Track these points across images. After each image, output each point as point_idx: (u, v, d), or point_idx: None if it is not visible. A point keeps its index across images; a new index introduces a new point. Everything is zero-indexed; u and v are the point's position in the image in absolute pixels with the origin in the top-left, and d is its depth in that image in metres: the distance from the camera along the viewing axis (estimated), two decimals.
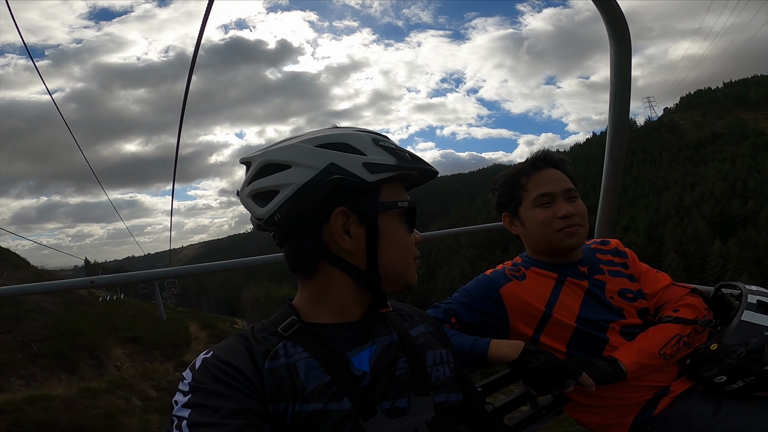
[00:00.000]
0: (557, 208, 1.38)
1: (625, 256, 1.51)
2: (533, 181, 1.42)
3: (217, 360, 0.74)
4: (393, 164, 0.81)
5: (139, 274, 1.83)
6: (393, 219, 0.83)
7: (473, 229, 2.98)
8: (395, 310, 0.97)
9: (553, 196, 1.39)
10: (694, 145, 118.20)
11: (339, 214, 0.80)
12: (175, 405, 0.70)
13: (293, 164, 0.78)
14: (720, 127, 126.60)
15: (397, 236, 0.84)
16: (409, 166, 0.83)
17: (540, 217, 1.39)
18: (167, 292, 49.14)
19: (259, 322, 0.86)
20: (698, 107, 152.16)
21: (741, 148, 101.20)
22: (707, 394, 1.24)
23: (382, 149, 0.82)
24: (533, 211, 1.41)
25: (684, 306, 1.36)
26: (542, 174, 1.42)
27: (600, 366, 1.22)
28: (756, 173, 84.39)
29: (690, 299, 1.39)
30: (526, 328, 1.36)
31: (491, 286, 1.39)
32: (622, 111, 1.96)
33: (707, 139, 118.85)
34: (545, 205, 1.39)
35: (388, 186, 0.83)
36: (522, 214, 1.44)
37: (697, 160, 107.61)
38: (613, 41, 1.81)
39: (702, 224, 71.92)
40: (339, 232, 0.80)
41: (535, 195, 1.40)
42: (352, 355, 0.81)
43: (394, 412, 0.78)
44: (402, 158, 0.83)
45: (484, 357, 1.20)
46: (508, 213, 1.49)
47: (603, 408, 1.32)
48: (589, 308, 1.36)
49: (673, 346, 1.27)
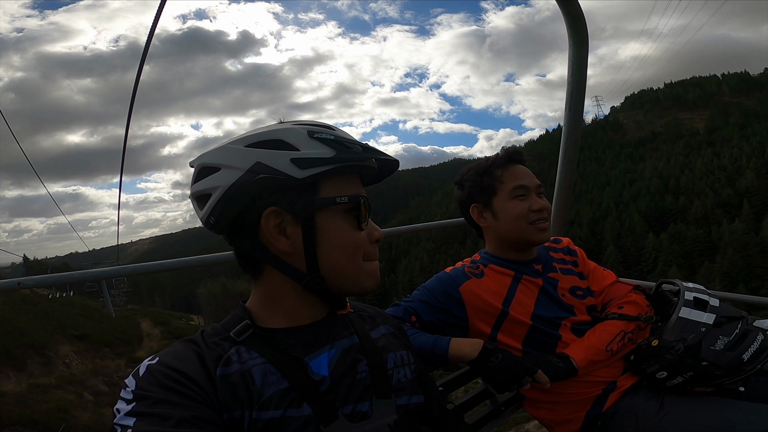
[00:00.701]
0: (532, 202, 1.39)
1: (575, 254, 1.54)
2: (509, 173, 1.42)
3: (164, 366, 0.69)
4: (329, 157, 0.75)
5: (73, 274, 1.72)
6: (335, 216, 0.78)
7: (434, 225, 2.91)
8: (356, 311, 0.96)
9: (528, 190, 1.41)
10: (635, 143, 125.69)
11: (271, 215, 0.76)
12: (116, 413, 0.65)
13: (222, 166, 0.76)
14: (659, 126, 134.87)
15: (339, 235, 0.78)
16: (350, 158, 0.77)
17: (516, 208, 1.39)
18: (116, 289, 47.47)
19: (210, 326, 0.83)
20: (641, 107, 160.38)
21: (676, 147, 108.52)
22: (652, 390, 1.27)
23: (319, 142, 0.77)
24: (509, 202, 1.40)
25: (627, 303, 1.40)
26: (517, 168, 1.44)
27: (554, 363, 1.25)
28: (688, 171, 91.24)
29: (633, 296, 1.43)
30: (484, 326, 1.36)
31: (451, 284, 1.38)
32: (578, 110, 1.97)
33: (647, 137, 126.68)
34: (521, 197, 1.40)
35: (330, 181, 0.78)
36: (496, 205, 1.43)
37: (637, 157, 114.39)
38: (573, 41, 1.82)
39: (638, 219, 77.25)
40: (272, 233, 0.77)
41: (512, 186, 1.40)
42: (310, 359, 0.78)
43: (356, 416, 0.76)
44: (344, 150, 0.77)
45: (445, 356, 1.21)
46: (478, 205, 1.47)
47: (556, 404, 1.35)
48: (543, 306, 1.38)
49: (618, 342, 1.30)
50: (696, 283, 1.42)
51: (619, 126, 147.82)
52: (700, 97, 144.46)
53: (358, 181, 0.83)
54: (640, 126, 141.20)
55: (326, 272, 0.79)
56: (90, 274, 1.81)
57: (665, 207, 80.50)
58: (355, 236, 0.80)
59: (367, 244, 0.82)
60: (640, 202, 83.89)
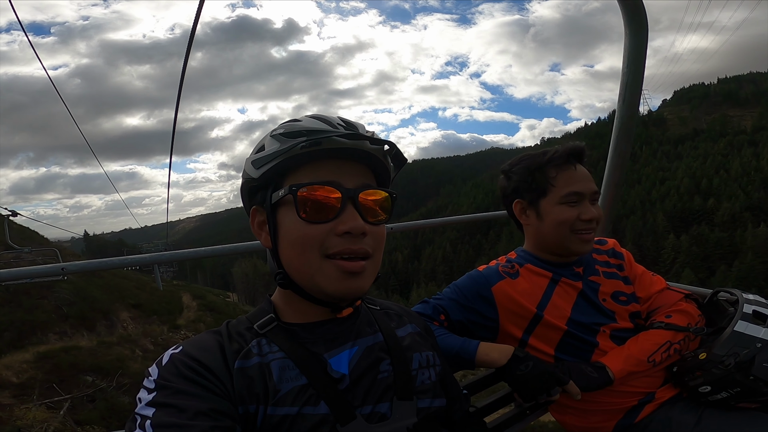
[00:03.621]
0: (583, 210, 1.29)
1: (621, 258, 1.45)
2: (565, 176, 1.31)
3: (186, 356, 0.70)
4: (271, 152, 0.74)
5: (113, 260, 1.72)
6: (289, 211, 0.75)
7: (453, 219, 2.76)
8: (382, 308, 0.94)
9: (582, 197, 1.30)
10: (675, 140, 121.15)
11: (255, 213, 0.81)
12: (138, 402, 0.66)
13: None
14: (704, 122, 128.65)
15: (290, 229, 0.75)
16: (286, 148, 0.73)
17: (564, 215, 1.29)
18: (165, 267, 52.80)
19: (236, 318, 0.83)
20: (688, 102, 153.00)
21: (716, 146, 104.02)
22: (691, 403, 1.22)
23: (273, 139, 0.76)
24: (558, 207, 1.30)
25: (677, 312, 1.32)
26: (574, 171, 1.32)
27: (587, 373, 1.20)
28: (723, 171, 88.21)
29: (683, 305, 1.34)
30: (515, 329, 1.31)
31: (483, 284, 1.33)
32: (632, 102, 1.85)
33: (688, 134, 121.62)
34: (572, 204, 1.30)
35: (299, 174, 0.75)
36: (543, 206, 1.33)
37: (674, 155, 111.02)
38: (629, 31, 1.71)
39: (661, 219, 76.43)
40: (256, 230, 0.81)
41: (566, 192, 1.29)
42: (329, 356, 0.77)
43: (374, 417, 0.75)
44: (287, 141, 0.74)
45: (472, 361, 1.18)
46: (523, 201, 1.38)
47: (586, 412, 1.30)
48: (581, 311, 1.31)
49: (663, 353, 1.23)
50: (757, 295, 1.31)
51: (662, 121, 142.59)
52: (753, 94, 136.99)
53: (346, 169, 0.76)
54: (684, 122, 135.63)
55: (287, 268, 0.77)
56: (127, 261, 1.81)
57: (692, 208, 79.01)
58: (304, 229, 0.73)
59: (325, 237, 0.73)
60: (668, 202, 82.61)
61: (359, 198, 0.75)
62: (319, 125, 0.75)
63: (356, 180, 0.76)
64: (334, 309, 0.80)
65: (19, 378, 11.74)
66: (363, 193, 0.76)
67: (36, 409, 10.60)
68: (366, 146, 0.75)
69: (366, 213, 0.75)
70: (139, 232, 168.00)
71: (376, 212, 0.78)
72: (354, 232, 0.73)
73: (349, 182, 0.75)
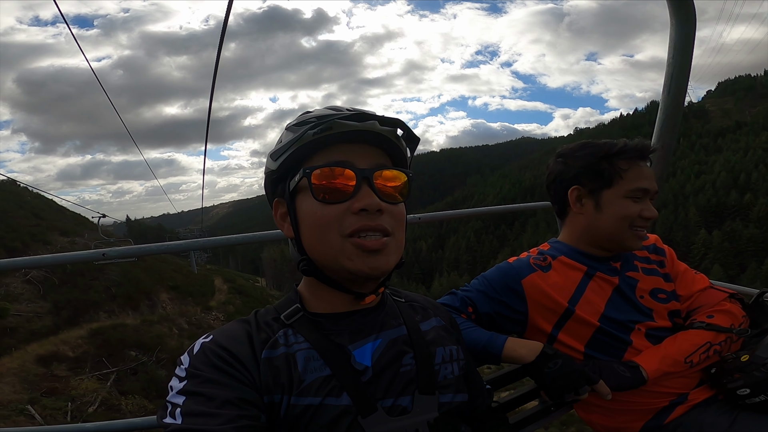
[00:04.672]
0: (645, 207, 1.26)
1: (662, 254, 1.40)
2: (635, 171, 1.27)
3: (216, 345, 0.72)
4: (287, 142, 0.77)
5: (150, 247, 1.85)
6: (306, 196, 0.77)
7: (476, 211, 2.74)
8: (408, 301, 0.94)
9: (647, 194, 1.28)
10: (715, 132, 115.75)
11: (277, 205, 0.84)
12: (170, 390, 0.69)
13: None
14: (748, 115, 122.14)
15: (308, 213, 0.77)
16: (300, 135, 0.76)
17: (628, 209, 1.26)
18: (200, 252, 54.68)
19: (264, 307, 0.85)
20: (732, 94, 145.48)
21: (758, 139, 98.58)
22: (726, 406, 1.18)
23: (287, 131, 0.80)
24: (623, 200, 1.26)
25: (720, 312, 1.27)
26: (644, 167, 1.29)
27: (619, 372, 1.16)
28: (762, 166, 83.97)
29: (727, 305, 1.29)
30: (544, 323, 1.28)
31: (513, 276, 1.30)
32: (678, 94, 1.78)
33: (730, 127, 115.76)
34: (636, 200, 1.27)
35: (314, 161, 0.77)
36: (605, 197, 1.28)
37: (713, 148, 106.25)
38: (676, 20, 1.64)
39: (693, 213, 74.10)
40: (279, 221, 0.84)
41: (635, 186, 1.26)
42: (353, 348, 0.77)
43: (395, 410, 0.75)
44: (300, 130, 0.76)
45: (498, 356, 1.15)
46: (582, 188, 1.32)
47: (614, 411, 1.27)
48: (616, 307, 1.27)
49: (701, 354, 1.19)
50: None
51: (704, 113, 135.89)
52: None
53: (359, 152, 0.77)
54: (727, 114, 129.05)
55: (310, 254, 0.78)
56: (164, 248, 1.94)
57: (727, 203, 76.20)
58: (321, 210, 0.75)
59: (342, 217, 0.74)
60: (701, 197, 79.87)
61: (373, 178, 0.76)
62: (328, 112, 0.78)
63: (369, 161, 0.77)
64: (358, 296, 0.80)
65: (74, 352, 13.78)
66: (377, 173, 0.76)
67: (88, 381, 12.31)
68: (375, 127, 0.76)
69: (381, 192, 0.76)
70: (176, 217, 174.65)
71: (392, 191, 0.78)
72: (370, 209, 0.74)
73: (362, 163, 0.76)
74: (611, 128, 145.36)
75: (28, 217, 22.57)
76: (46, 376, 12.40)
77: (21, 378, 11.81)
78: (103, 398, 11.87)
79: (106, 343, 14.57)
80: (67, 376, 12.48)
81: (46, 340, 13.95)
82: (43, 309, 15.72)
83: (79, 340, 14.49)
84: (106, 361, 13.89)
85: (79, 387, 11.96)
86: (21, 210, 23.02)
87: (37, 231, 21.31)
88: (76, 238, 23.44)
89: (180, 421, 0.64)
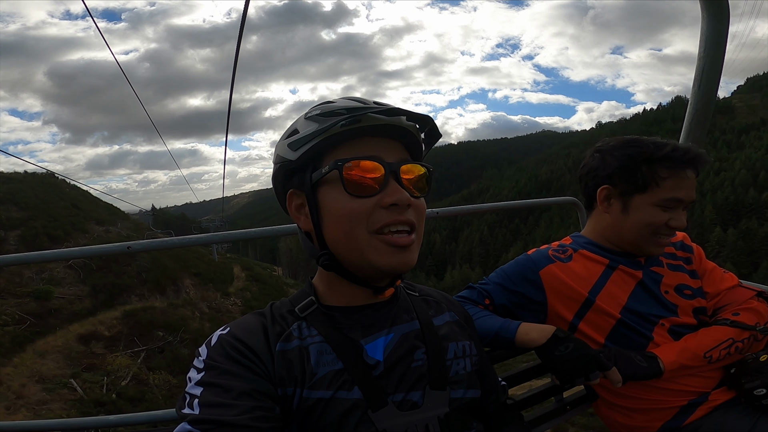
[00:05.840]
0: (675, 217, 1.21)
1: (690, 251, 1.38)
2: (675, 180, 1.20)
3: (233, 338, 0.73)
4: (310, 133, 0.75)
5: (173, 240, 1.92)
6: (331, 189, 0.76)
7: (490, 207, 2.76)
8: (421, 295, 0.93)
9: (680, 203, 1.22)
10: (739, 129, 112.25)
11: (292, 196, 0.82)
12: (188, 381, 0.70)
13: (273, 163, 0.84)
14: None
15: (334, 206, 0.76)
16: (326, 128, 0.74)
17: (654, 217, 1.21)
18: None
19: (279, 300, 0.85)
20: (760, 89, 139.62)
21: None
22: (747, 409, 1.15)
23: (309, 121, 0.78)
24: (652, 208, 1.22)
25: (746, 310, 1.24)
26: (686, 177, 1.21)
27: (635, 361, 1.14)
28: None
29: (755, 303, 1.26)
30: (566, 311, 1.26)
31: (530, 267, 1.29)
32: (709, 89, 1.75)
33: (755, 124, 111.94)
34: (666, 209, 1.22)
35: (335, 153, 0.76)
36: (635, 202, 1.24)
37: (735, 145, 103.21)
38: (707, 14, 1.61)
39: (710, 211, 72.72)
40: (295, 213, 0.82)
41: (669, 197, 1.20)
42: (366, 342, 0.78)
43: (405, 404, 0.76)
44: (325, 121, 0.75)
45: (511, 339, 1.14)
46: (612, 189, 1.28)
47: (632, 410, 1.25)
48: (639, 300, 1.25)
49: (722, 350, 1.17)
50: None
51: (731, 109, 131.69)
52: None
53: (384, 146, 0.77)
54: (753, 111, 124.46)
55: (332, 248, 0.78)
56: (186, 241, 1.95)
57: (745, 201, 74.44)
58: (350, 204, 0.74)
59: (371, 211, 0.74)
60: (719, 194, 78.03)
61: (400, 172, 0.76)
62: (356, 104, 0.77)
63: (395, 155, 0.78)
64: (377, 291, 0.81)
65: (109, 332, 15.25)
66: (404, 167, 0.77)
67: (121, 357, 13.66)
68: (402, 122, 0.76)
69: (406, 186, 0.76)
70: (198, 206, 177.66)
71: (416, 186, 0.79)
72: (400, 203, 0.74)
73: (389, 157, 0.76)
74: (633, 123, 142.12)
75: (68, 207, 23.86)
76: (85, 353, 13.73)
77: (64, 355, 13.18)
78: (134, 373, 13.14)
79: (137, 323, 16.05)
80: (103, 353, 13.80)
81: (85, 321, 15.29)
82: (83, 292, 17.02)
83: (114, 321, 15.97)
84: (137, 340, 15.32)
85: (113, 363, 13.34)
86: (61, 201, 24.64)
87: (76, 221, 22.61)
88: (110, 227, 24.95)
89: (198, 411, 0.65)
